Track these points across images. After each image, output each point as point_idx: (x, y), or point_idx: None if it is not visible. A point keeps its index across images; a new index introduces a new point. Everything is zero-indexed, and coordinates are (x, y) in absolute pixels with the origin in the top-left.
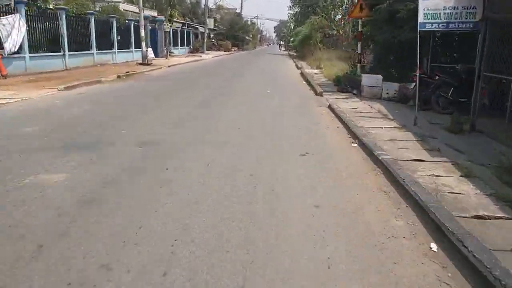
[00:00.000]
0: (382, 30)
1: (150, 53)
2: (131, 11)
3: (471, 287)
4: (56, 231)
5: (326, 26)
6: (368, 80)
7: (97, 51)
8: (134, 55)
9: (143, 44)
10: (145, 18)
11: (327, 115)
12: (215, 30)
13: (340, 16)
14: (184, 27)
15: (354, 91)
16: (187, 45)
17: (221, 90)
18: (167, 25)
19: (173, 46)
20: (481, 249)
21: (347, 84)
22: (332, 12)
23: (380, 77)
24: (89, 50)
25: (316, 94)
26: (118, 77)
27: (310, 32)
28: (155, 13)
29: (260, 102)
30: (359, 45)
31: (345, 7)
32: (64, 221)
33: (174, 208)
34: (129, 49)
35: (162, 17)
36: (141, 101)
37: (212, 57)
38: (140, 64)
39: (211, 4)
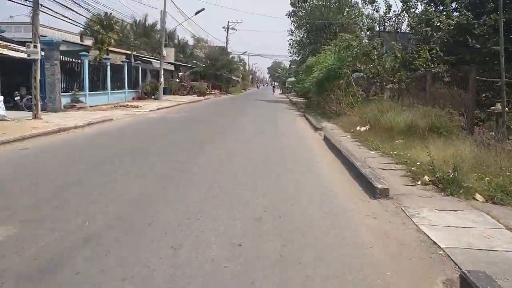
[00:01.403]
0: None
1: None
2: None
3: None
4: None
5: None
6: None
7: None
8: None
9: None
10: None
11: None
12: (192, 67)
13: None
14: (126, 59)
15: None
16: (131, 88)
17: None
18: (33, 47)
19: (100, 89)
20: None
21: None
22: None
23: None
24: None
25: None
26: None
27: (340, 64)
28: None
29: None
30: None
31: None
32: None
33: None
34: None
35: (53, 39)
36: None
37: (152, 110)
38: None
39: (188, 38)
